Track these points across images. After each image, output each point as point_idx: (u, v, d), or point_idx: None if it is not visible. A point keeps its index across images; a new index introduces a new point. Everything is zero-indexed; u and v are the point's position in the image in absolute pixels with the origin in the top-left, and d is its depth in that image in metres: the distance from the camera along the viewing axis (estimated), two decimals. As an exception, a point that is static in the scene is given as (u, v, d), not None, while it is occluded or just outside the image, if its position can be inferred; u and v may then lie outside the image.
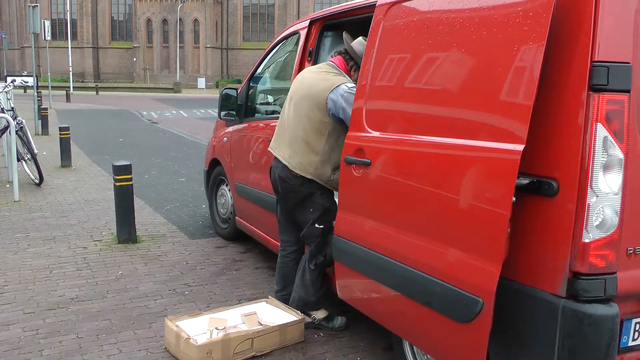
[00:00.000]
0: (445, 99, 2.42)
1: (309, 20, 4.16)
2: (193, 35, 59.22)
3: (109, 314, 3.80)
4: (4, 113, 8.18)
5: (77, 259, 4.90)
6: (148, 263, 4.86)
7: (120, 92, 45.05)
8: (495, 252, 2.09)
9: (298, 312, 3.52)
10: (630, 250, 2.07)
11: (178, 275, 4.59)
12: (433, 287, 2.37)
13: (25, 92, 31.02)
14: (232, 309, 3.57)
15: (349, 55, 3.47)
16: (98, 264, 4.79)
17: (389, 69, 2.78)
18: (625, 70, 1.93)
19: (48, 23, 23.73)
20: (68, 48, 44.61)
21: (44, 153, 11.03)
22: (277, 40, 4.77)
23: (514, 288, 2.16)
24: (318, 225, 3.42)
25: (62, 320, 3.68)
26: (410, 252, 2.51)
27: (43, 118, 14.90)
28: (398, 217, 2.64)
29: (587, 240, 1.95)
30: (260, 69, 5.00)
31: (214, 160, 5.63)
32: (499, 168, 2.09)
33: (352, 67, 3.47)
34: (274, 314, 3.50)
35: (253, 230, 4.86)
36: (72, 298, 4.06)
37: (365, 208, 2.88)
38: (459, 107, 2.35)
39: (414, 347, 2.85)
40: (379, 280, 2.76)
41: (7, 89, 9.12)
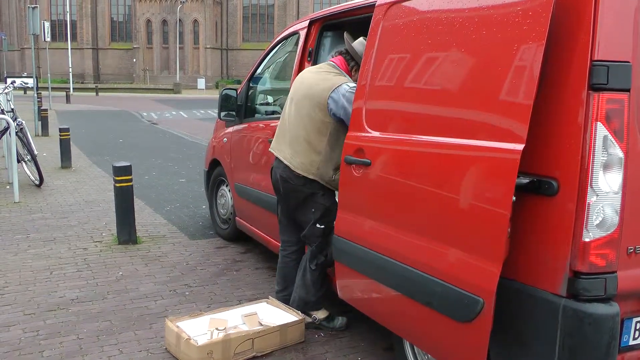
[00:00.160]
0: (445, 99, 2.42)
1: (309, 21, 4.16)
2: (193, 36, 59.24)
3: (110, 315, 3.80)
4: (4, 114, 8.16)
5: (77, 260, 4.91)
6: (148, 264, 4.86)
7: (120, 93, 45.03)
8: (496, 251, 2.09)
9: (298, 312, 3.52)
10: (631, 249, 2.07)
11: (178, 276, 4.59)
12: (433, 287, 2.37)
13: (25, 93, 31.02)
14: (232, 310, 3.57)
15: (350, 56, 3.48)
16: (98, 265, 4.79)
17: (389, 69, 2.78)
18: (625, 70, 1.93)
19: (48, 24, 23.71)
20: (68, 49, 44.52)
21: (44, 154, 11.02)
22: (276, 41, 4.77)
23: (515, 288, 2.16)
24: (319, 225, 3.42)
25: (62, 322, 3.68)
26: (411, 252, 2.51)
27: (43, 119, 14.90)
28: (398, 217, 2.64)
29: (587, 240, 1.95)
30: (260, 70, 5.00)
31: (214, 161, 5.62)
32: (499, 168, 2.09)
33: (352, 67, 3.48)
34: (275, 314, 3.50)
35: (253, 231, 4.86)
36: (72, 299, 4.06)
37: (366, 208, 2.88)
38: (459, 106, 2.35)
39: (415, 347, 2.85)
40: (380, 280, 2.76)
41: (7, 90, 9.10)
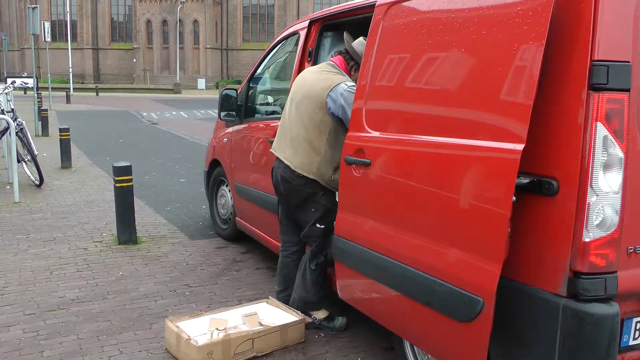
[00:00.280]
0: (445, 99, 2.42)
1: (309, 21, 4.16)
2: (193, 36, 59.20)
3: (110, 315, 3.80)
4: (4, 114, 8.16)
5: (77, 260, 4.90)
6: (148, 264, 4.86)
7: (120, 93, 45.00)
8: (496, 251, 2.09)
9: (299, 312, 3.52)
10: (631, 249, 2.06)
11: (178, 276, 4.59)
12: (433, 286, 2.37)
13: (25, 93, 30.99)
14: (232, 310, 3.57)
15: (350, 55, 3.48)
16: (98, 265, 4.79)
17: (389, 69, 2.78)
18: (625, 69, 1.93)
19: (48, 24, 23.74)
20: (68, 49, 44.50)
21: (44, 154, 11.02)
22: (276, 41, 4.77)
23: (515, 288, 2.16)
24: (319, 226, 3.42)
25: (62, 322, 3.68)
26: (411, 252, 2.51)
27: (43, 119, 14.90)
28: (398, 217, 2.64)
29: (587, 240, 1.95)
30: (260, 70, 4.99)
31: (214, 161, 5.62)
32: (499, 168, 2.09)
33: (352, 67, 3.48)
34: (275, 315, 3.50)
35: (253, 231, 4.86)
36: (72, 299, 4.06)
37: (366, 208, 2.88)
38: (459, 106, 2.35)
39: (415, 347, 2.84)
40: (380, 280, 2.75)
41: (7, 91, 9.11)
